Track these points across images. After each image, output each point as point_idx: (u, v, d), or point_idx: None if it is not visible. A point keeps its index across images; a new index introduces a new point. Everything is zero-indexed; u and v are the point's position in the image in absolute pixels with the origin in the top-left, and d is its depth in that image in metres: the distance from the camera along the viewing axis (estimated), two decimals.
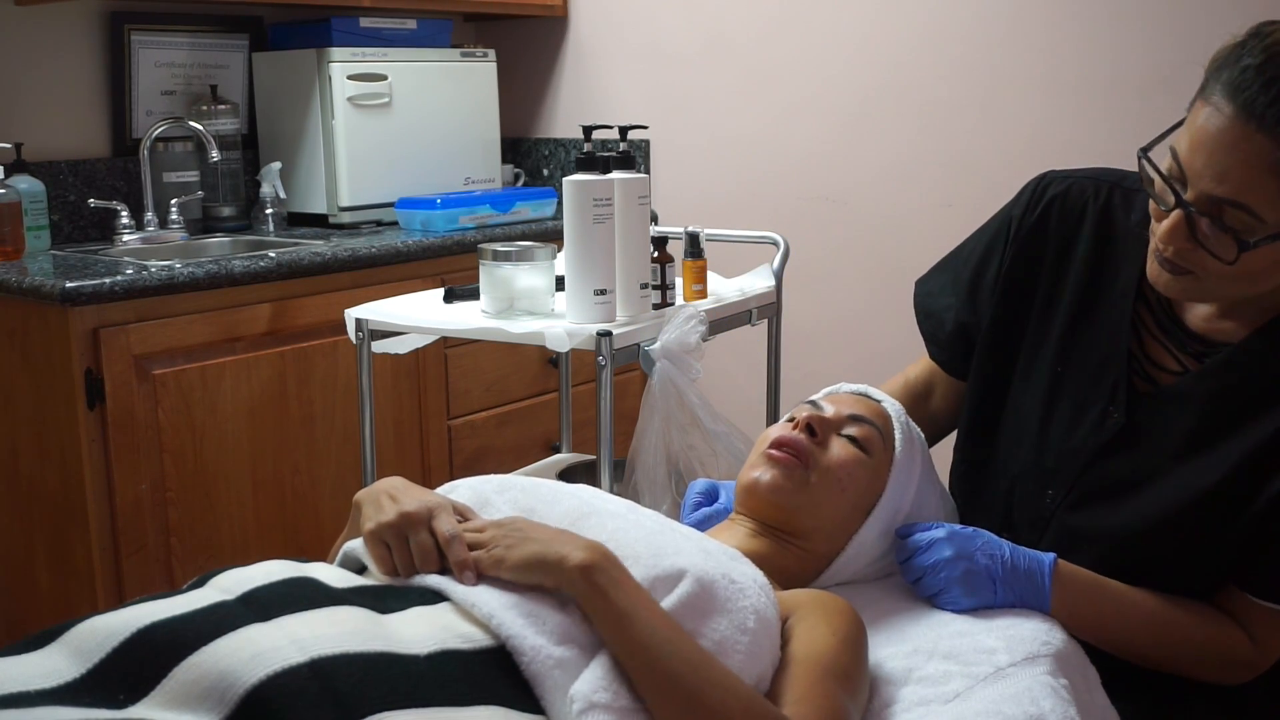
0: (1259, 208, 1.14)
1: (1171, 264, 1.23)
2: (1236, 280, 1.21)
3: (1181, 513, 1.28)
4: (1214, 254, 1.17)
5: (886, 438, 1.40)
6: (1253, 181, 1.13)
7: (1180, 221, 1.19)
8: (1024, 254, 1.46)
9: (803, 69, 2.98)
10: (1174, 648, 1.31)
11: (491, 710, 1.02)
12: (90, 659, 1.01)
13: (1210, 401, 1.28)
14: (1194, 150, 1.17)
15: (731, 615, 1.15)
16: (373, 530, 1.23)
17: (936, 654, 1.26)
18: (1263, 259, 1.17)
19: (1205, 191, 1.16)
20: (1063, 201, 1.44)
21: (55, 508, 2.28)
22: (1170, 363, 1.33)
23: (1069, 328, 1.40)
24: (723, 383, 2.72)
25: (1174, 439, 1.29)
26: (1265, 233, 1.15)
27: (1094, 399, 1.35)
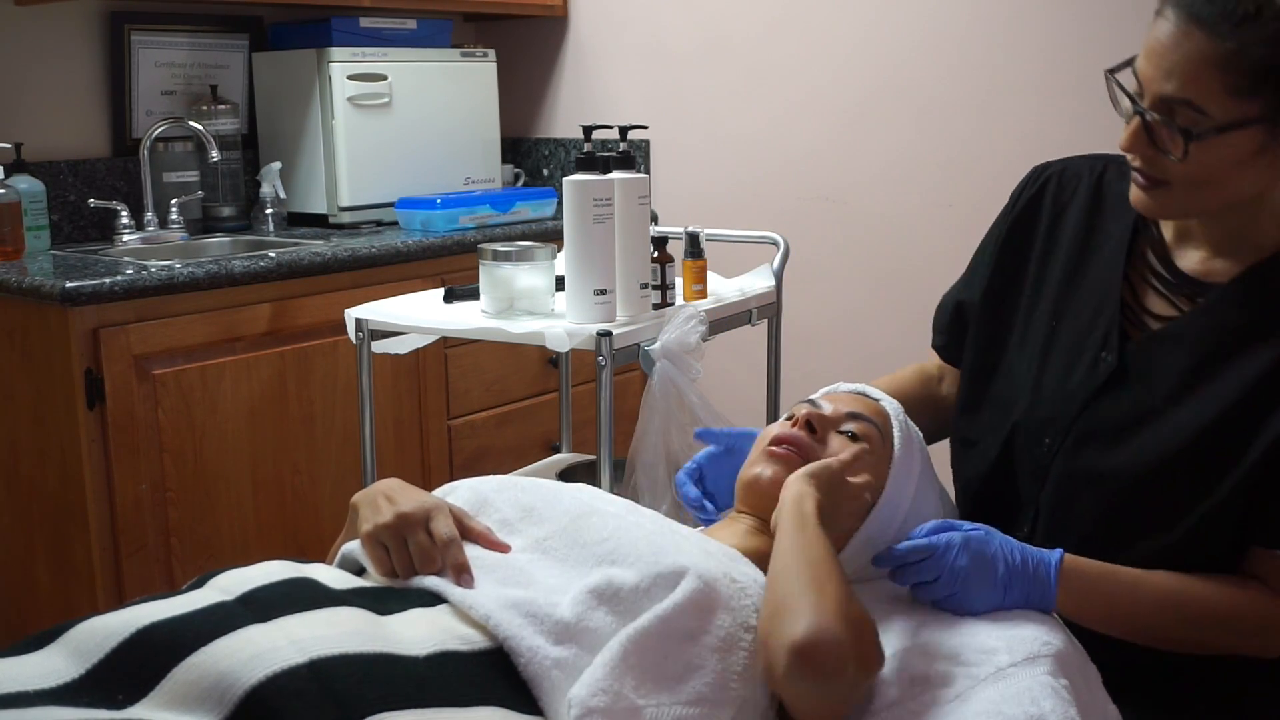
0: (1204, 103, 1.19)
1: (1141, 174, 1.28)
2: (1202, 186, 1.25)
3: (1179, 453, 1.28)
4: (1168, 153, 1.23)
5: (885, 436, 1.40)
6: (1196, 76, 1.19)
7: (1138, 127, 1.25)
8: (1019, 226, 1.50)
9: (803, 69, 2.98)
10: (1199, 624, 1.28)
11: (490, 711, 1.02)
12: (89, 659, 1.01)
13: (1202, 340, 1.30)
14: (1146, 58, 1.24)
15: (735, 613, 1.15)
16: (370, 532, 1.23)
17: (937, 654, 1.26)
18: (1215, 155, 1.22)
19: (1156, 93, 1.22)
20: (1060, 177, 1.49)
21: (55, 508, 2.28)
22: (1165, 309, 1.35)
23: (1063, 285, 1.43)
24: (723, 383, 2.72)
25: (1168, 379, 1.30)
26: (1211, 124, 1.20)
27: (1088, 346, 1.37)
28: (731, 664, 1.12)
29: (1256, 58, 1.17)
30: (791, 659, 1.07)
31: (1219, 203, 1.28)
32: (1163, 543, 1.30)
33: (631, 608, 1.13)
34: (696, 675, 1.10)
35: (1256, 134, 1.21)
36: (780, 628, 1.09)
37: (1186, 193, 1.26)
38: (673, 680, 1.09)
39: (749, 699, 1.12)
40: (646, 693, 1.07)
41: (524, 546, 1.26)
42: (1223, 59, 1.18)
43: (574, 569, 1.21)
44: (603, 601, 1.14)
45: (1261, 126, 1.20)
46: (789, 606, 1.10)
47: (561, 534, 1.25)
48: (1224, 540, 1.28)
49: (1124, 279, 1.37)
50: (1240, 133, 1.20)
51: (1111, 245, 1.40)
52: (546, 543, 1.25)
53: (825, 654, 1.06)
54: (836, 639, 1.07)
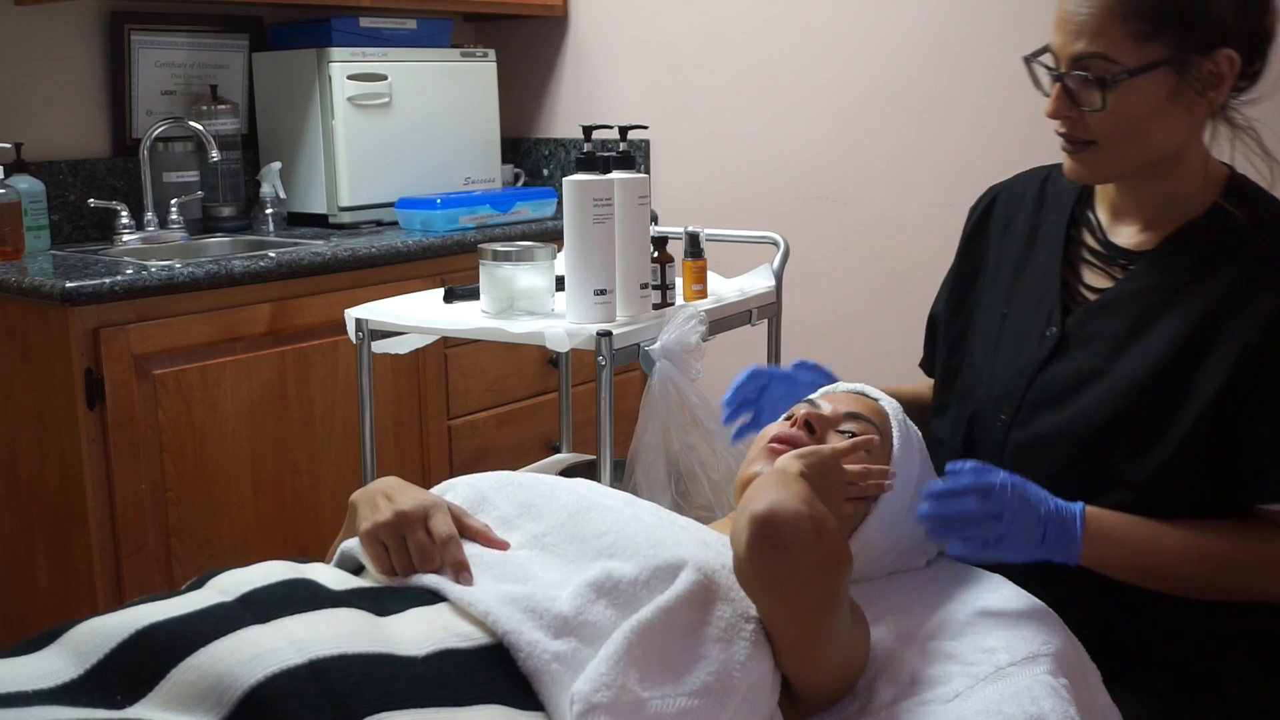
0: (1113, 52, 1.28)
1: (1068, 139, 1.36)
2: (1126, 140, 1.32)
3: (1121, 408, 1.33)
4: (1088, 107, 1.30)
5: (884, 435, 1.40)
6: (1102, 29, 1.28)
7: (1059, 90, 1.33)
8: (975, 237, 1.59)
9: (803, 69, 2.98)
10: (1222, 569, 1.29)
11: (490, 709, 1.02)
12: (88, 660, 1.01)
13: (1134, 303, 1.36)
14: (1058, 31, 1.33)
15: (734, 603, 1.15)
16: (369, 530, 1.23)
17: (937, 654, 1.26)
18: (1132, 102, 1.29)
19: (1070, 55, 1.31)
20: (1009, 191, 1.58)
21: (55, 508, 2.28)
22: (1102, 281, 1.42)
23: (1012, 278, 1.50)
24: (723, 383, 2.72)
25: (1106, 342, 1.37)
26: (1121, 70, 1.28)
27: (1034, 326, 1.44)
28: (734, 654, 1.12)
29: (1153, 2, 1.26)
30: (753, 529, 1.08)
31: (1144, 156, 1.34)
32: (1121, 499, 1.32)
33: (631, 600, 1.13)
34: (700, 666, 1.11)
35: (1166, 77, 1.28)
36: (741, 514, 1.11)
37: (1113, 148, 1.33)
38: (677, 672, 1.09)
39: (753, 688, 1.13)
40: (651, 685, 1.07)
41: (522, 543, 1.26)
42: (1122, 8, 1.27)
43: (572, 563, 1.21)
44: (602, 594, 1.14)
45: (1169, 69, 1.28)
46: (749, 499, 1.11)
47: (560, 529, 1.25)
48: (1184, 495, 1.31)
49: (1066, 262, 1.45)
50: (1150, 76, 1.28)
51: (1052, 234, 1.48)
52: (545, 538, 1.25)
53: (784, 522, 1.08)
54: (796, 511, 1.08)
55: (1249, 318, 1.28)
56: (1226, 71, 1.29)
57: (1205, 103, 1.31)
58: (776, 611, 1.13)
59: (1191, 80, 1.29)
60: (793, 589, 1.10)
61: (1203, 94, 1.30)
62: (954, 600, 1.35)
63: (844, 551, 1.12)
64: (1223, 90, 1.30)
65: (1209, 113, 1.33)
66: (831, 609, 1.12)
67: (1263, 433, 1.28)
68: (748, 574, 1.11)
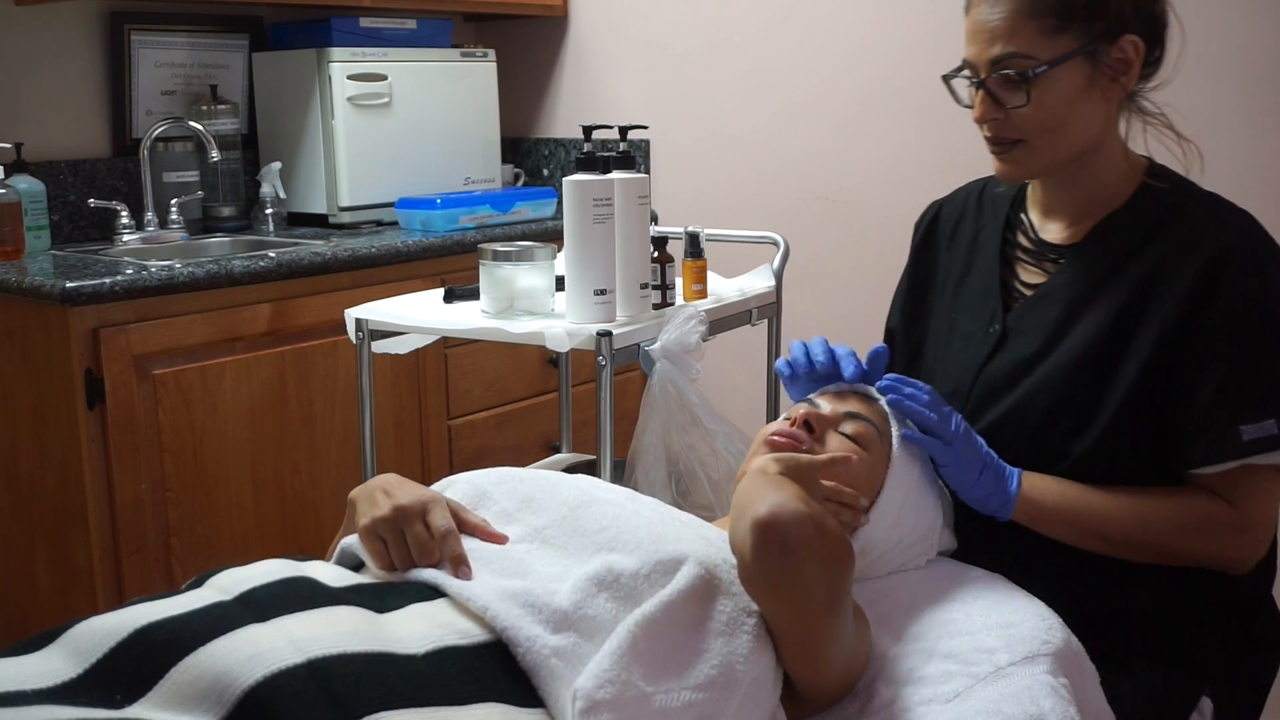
0: (1028, 49, 1.35)
1: (997, 141, 1.42)
2: (1051, 133, 1.39)
3: (1062, 390, 1.40)
4: (1013, 105, 1.37)
5: (884, 435, 1.40)
6: (1015, 30, 1.36)
7: (983, 96, 1.40)
8: (924, 249, 1.67)
9: (803, 69, 2.98)
10: (1151, 526, 1.36)
11: (490, 708, 1.02)
12: (88, 659, 1.01)
13: (1065, 292, 1.44)
14: (972, 42, 1.41)
15: (735, 598, 1.15)
16: (368, 525, 1.23)
17: (936, 654, 1.26)
18: (1053, 93, 1.36)
19: (988, 60, 1.38)
20: (949, 203, 1.66)
21: (55, 508, 2.28)
22: (1037, 277, 1.49)
23: (958, 284, 1.58)
24: (723, 383, 2.72)
25: (1042, 331, 1.44)
26: (1039, 64, 1.35)
27: (979, 326, 1.51)
28: (736, 647, 1.12)
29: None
30: (757, 535, 1.08)
31: (1069, 147, 1.41)
32: (1065, 474, 1.40)
33: (632, 594, 1.13)
34: (703, 660, 1.11)
35: (1080, 66, 1.36)
36: (742, 518, 1.11)
37: (1041, 142, 1.40)
38: (680, 666, 1.09)
39: (755, 681, 1.13)
40: (655, 680, 1.07)
41: (522, 536, 1.26)
42: (1031, 7, 1.35)
43: (573, 557, 1.21)
44: (603, 588, 1.14)
45: (1082, 58, 1.36)
46: (749, 503, 1.11)
47: (560, 523, 1.25)
48: (1124, 468, 1.39)
49: (1004, 263, 1.53)
50: (1066, 67, 1.36)
51: (990, 239, 1.56)
52: (545, 531, 1.25)
53: (789, 524, 1.08)
54: (798, 511, 1.09)
55: (1168, 296, 1.36)
56: (1133, 56, 1.38)
57: (1119, 87, 1.39)
58: (783, 614, 1.13)
59: (1103, 67, 1.38)
60: (799, 590, 1.10)
61: (1115, 79, 1.39)
62: (954, 600, 1.35)
63: (846, 547, 1.12)
64: (1132, 75, 1.39)
65: (1123, 97, 1.41)
66: (837, 607, 1.13)
67: (1187, 402, 1.35)
68: (755, 579, 1.11)
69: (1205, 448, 1.34)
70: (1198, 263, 1.35)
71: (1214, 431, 1.33)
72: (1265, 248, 1.39)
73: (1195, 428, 1.34)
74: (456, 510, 1.26)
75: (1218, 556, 1.38)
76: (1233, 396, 1.33)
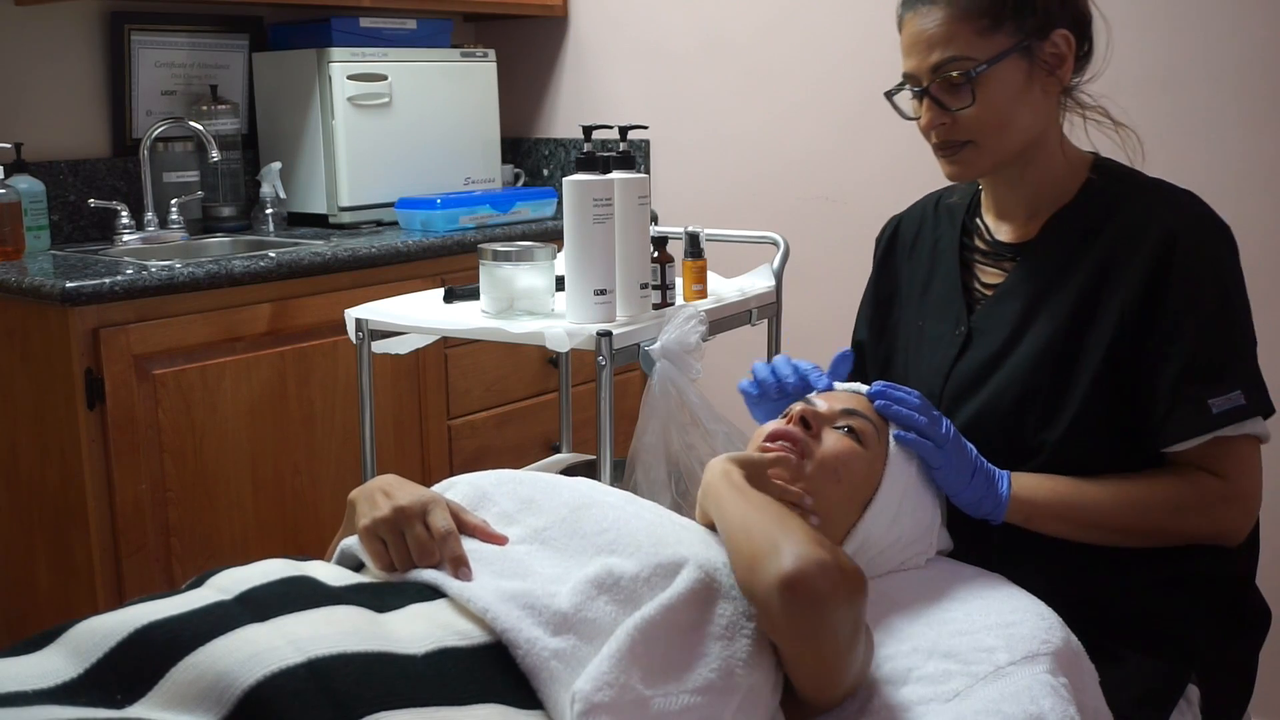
0: (967, 51, 1.40)
1: (946, 146, 1.46)
2: (998, 131, 1.43)
3: (1029, 383, 1.43)
4: (959, 107, 1.41)
5: (881, 432, 1.40)
6: (950, 36, 1.40)
7: (928, 103, 1.44)
8: (886, 261, 1.71)
9: (803, 69, 2.98)
10: (1147, 510, 1.38)
11: (489, 709, 1.02)
12: (88, 659, 1.01)
13: (1024, 288, 1.48)
14: (909, 54, 1.45)
15: (735, 602, 1.15)
16: (368, 526, 1.23)
17: (936, 653, 1.26)
18: (996, 91, 1.41)
19: (928, 68, 1.43)
20: (907, 217, 1.71)
21: (55, 508, 2.28)
22: (996, 277, 1.53)
23: (922, 292, 1.61)
24: (723, 383, 2.72)
25: (1004, 329, 1.48)
26: (979, 64, 1.39)
27: (946, 330, 1.55)
28: (735, 652, 1.12)
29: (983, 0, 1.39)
30: (785, 593, 1.08)
31: (1015, 143, 1.45)
32: (1040, 465, 1.42)
33: (632, 597, 1.13)
34: (702, 664, 1.11)
35: (1018, 62, 1.41)
36: (763, 570, 1.10)
37: (988, 140, 1.44)
38: (679, 670, 1.09)
39: (754, 686, 1.13)
40: (653, 683, 1.07)
41: (522, 537, 1.26)
42: (959, 12, 1.40)
43: (573, 559, 1.21)
44: (602, 591, 1.14)
45: (1018, 55, 1.41)
46: (763, 551, 1.12)
47: (561, 524, 1.25)
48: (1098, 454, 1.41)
49: (964, 267, 1.56)
50: (1005, 64, 1.40)
51: (949, 246, 1.59)
52: (545, 533, 1.25)
53: (816, 577, 1.08)
54: (821, 561, 1.09)
55: (1123, 282, 1.39)
56: (1065, 50, 1.43)
57: (1055, 81, 1.44)
58: (808, 654, 1.13)
59: (1039, 62, 1.43)
60: (827, 633, 1.11)
61: (1051, 73, 1.43)
62: (953, 599, 1.35)
63: (862, 577, 1.13)
64: (1067, 68, 1.44)
65: (1061, 90, 1.46)
66: (857, 635, 1.14)
67: (1153, 383, 1.38)
68: (782, 630, 1.12)
69: (1177, 425, 1.37)
70: (1148, 246, 1.39)
71: (1184, 408, 1.36)
72: (1212, 225, 1.43)
73: (1165, 407, 1.37)
74: (456, 511, 1.26)
75: (1214, 531, 1.40)
76: (1198, 372, 1.36)
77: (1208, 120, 2.41)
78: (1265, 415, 1.39)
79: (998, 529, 1.43)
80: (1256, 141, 2.38)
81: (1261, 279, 2.02)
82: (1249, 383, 1.37)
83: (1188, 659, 1.41)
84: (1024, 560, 1.42)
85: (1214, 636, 1.43)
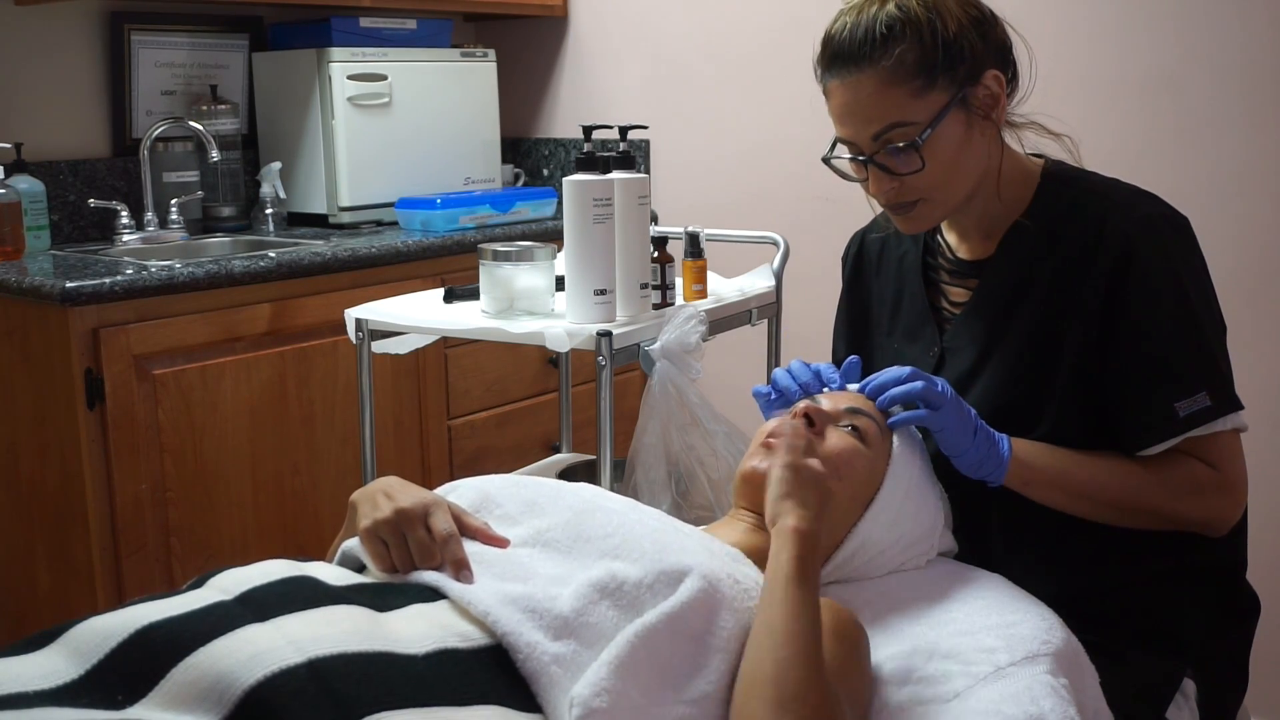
0: (905, 116, 1.38)
1: (898, 206, 1.45)
2: (945, 184, 1.42)
3: (1002, 398, 1.44)
4: (908, 172, 1.39)
5: (884, 432, 1.40)
6: (884, 104, 1.38)
7: (875, 171, 1.42)
8: (855, 281, 1.71)
9: (803, 68, 2.96)
10: (1140, 487, 1.38)
11: (489, 710, 1.02)
12: (89, 659, 1.01)
13: (988, 304, 1.49)
14: (842, 124, 1.43)
15: (738, 614, 1.15)
16: (369, 528, 1.23)
17: (936, 653, 1.26)
18: (941, 149, 1.39)
19: (868, 137, 1.40)
20: (869, 234, 1.70)
21: (55, 508, 2.28)
22: (963, 295, 1.53)
23: (893, 310, 1.62)
24: (723, 383, 2.72)
25: (974, 346, 1.49)
26: (923, 127, 1.37)
27: (921, 350, 1.55)
28: (734, 664, 1.12)
29: (912, 60, 1.36)
30: None
31: (964, 189, 1.44)
32: None
33: (634, 603, 1.13)
34: (701, 675, 1.10)
35: (958, 115, 1.39)
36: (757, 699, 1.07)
37: (938, 195, 1.43)
38: (677, 679, 1.09)
39: None
40: (651, 692, 1.07)
41: (525, 538, 1.26)
42: (890, 77, 1.37)
43: (576, 561, 1.20)
44: (605, 595, 1.13)
45: (956, 108, 1.39)
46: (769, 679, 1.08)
47: (564, 526, 1.25)
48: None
49: (930, 286, 1.57)
50: (947, 120, 1.38)
51: (913, 265, 1.59)
52: (548, 534, 1.25)
53: None
54: None
55: (1083, 291, 1.40)
56: (998, 89, 1.42)
57: (993, 122, 1.43)
58: None
59: (975, 109, 1.41)
60: None
61: (988, 115, 1.42)
62: (954, 600, 1.35)
63: None
64: (1002, 107, 1.43)
65: (998, 128, 1.44)
66: None
67: (1121, 390, 1.38)
68: None
69: (1145, 431, 1.38)
70: (1105, 255, 1.39)
71: (1151, 414, 1.37)
72: (1169, 227, 1.41)
73: (1133, 413, 1.38)
74: (458, 514, 1.26)
75: (1205, 517, 1.40)
76: (1162, 376, 1.37)
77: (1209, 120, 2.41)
78: (1233, 411, 1.39)
79: (997, 521, 1.44)
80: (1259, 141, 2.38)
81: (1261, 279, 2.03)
82: (1213, 383, 1.37)
83: (1182, 651, 1.41)
84: (1023, 552, 1.43)
85: (1207, 628, 1.44)
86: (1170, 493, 1.38)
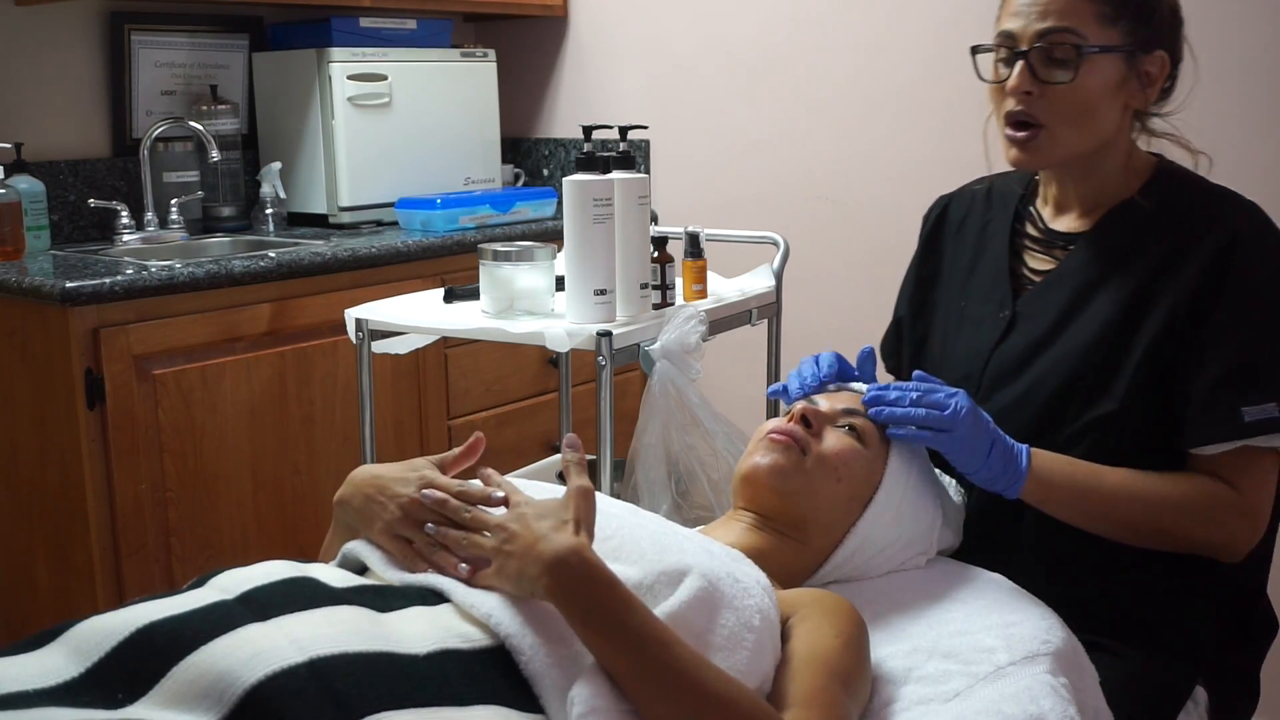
0: (1081, 28, 1.38)
1: (1019, 124, 1.43)
2: (1077, 119, 1.41)
3: (1073, 372, 1.42)
4: (1056, 81, 1.39)
5: (882, 431, 1.40)
6: (1071, 6, 1.39)
7: (1023, 67, 1.41)
8: (931, 241, 1.68)
9: (803, 68, 2.98)
10: (1158, 510, 1.37)
11: (490, 710, 1.02)
12: (89, 659, 1.01)
13: (1074, 278, 1.47)
14: (1015, 13, 1.42)
15: (738, 612, 1.15)
16: (384, 529, 1.22)
17: (936, 653, 1.27)
18: (1094, 78, 1.39)
19: (1035, 31, 1.40)
20: (957, 198, 1.68)
21: (55, 508, 2.28)
22: (1046, 264, 1.52)
23: (966, 273, 1.60)
24: (723, 383, 2.72)
25: (1051, 315, 1.47)
26: (1089, 46, 1.38)
27: (988, 312, 1.54)
28: (735, 663, 1.12)
29: None
30: None
31: (1086, 142, 1.43)
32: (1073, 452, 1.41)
33: None
34: None
35: (1119, 62, 1.40)
36: None
37: (1062, 129, 1.42)
38: None
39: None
40: None
41: None
42: None
43: None
44: None
45: (1122, 55, 1.40)
46: None
47: None
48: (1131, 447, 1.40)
49: (1012, 253, 1.55)
50: (1110, 59, 1.40)
51: (999, 231, 1.58)
52: None
53: None
54: None
55: (1179, 279, 1.39)
56: (1158, 73, 1.43)
57: (1141, 97, 1.44)
58: None
59: (1136, 72, 1.42)
60: None
61: (1142, 89, 1.43)
62: (954, 600, 1.36)
63: None
64: (1154, 90, 1.44)
65: (1142, 106, 1.45)
66: None
67: (1191, 382, 1.37)
68: None
69: (1207, 428, 1.36)
70: (1209, 247, 1.38)
71: (1216, 412, 1.35)
72: (1273, 237, 1.42)
73: (1198, 408, 1.36)
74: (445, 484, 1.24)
75: (1218, 542, 1.39)
76: (1236, 378, 1.35)
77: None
78: None
79: (1024, 527, 1.43)
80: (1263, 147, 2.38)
81: None
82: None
83: (1195, 662, 1.40)
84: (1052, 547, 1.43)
85: (1220, 643, 1.43)
86: (1187, 516, 1.37)
